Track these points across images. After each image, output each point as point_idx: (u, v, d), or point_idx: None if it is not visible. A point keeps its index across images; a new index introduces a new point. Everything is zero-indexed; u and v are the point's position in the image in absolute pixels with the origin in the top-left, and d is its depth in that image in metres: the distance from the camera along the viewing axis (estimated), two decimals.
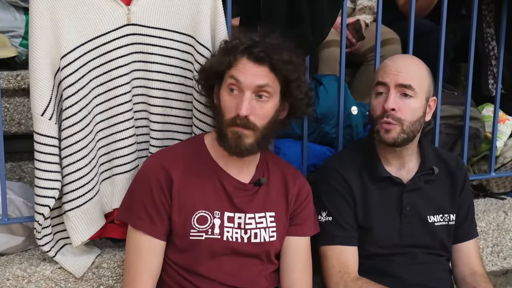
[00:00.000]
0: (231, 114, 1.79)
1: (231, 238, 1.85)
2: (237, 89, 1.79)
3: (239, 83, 1.78)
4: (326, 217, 2.04)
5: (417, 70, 2.02)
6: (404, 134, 1.99)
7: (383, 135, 2.00)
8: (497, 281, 2.75)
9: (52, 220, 1.96)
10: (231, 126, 1.79)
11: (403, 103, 1.98)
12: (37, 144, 1.85)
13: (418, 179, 2.08)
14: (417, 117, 2.01)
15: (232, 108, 1.78)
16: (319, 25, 2.12)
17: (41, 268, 2.00)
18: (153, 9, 1.93)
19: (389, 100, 1.97)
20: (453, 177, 2.15)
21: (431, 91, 2.06)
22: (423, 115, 2.03)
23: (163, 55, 1.96)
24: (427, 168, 2.09)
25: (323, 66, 2.79)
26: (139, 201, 1.83)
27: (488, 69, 2.96)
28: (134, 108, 1.97)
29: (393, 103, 1.97)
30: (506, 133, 2.81)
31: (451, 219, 2.12)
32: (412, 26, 2.39)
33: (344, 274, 1.98)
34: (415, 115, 2.00)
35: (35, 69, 1.82)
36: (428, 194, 2.09)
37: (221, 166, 1.88)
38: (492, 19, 2.92)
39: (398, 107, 1.97)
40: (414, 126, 2.01)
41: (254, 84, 1.77)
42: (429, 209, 2.09)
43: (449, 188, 2.14)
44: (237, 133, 1.79)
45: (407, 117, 1.98)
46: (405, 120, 1.98)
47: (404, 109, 1.98)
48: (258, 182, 1.90)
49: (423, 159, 2.10)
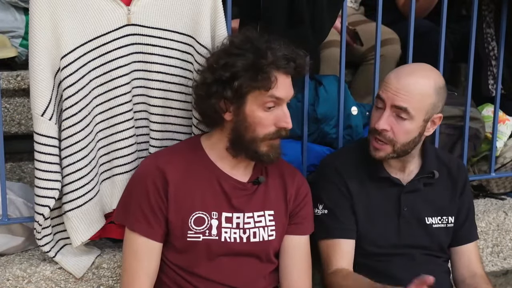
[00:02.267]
0: (269, 129, 1.80)
1: (229, 239, 1.85)
2: (275, 104, 1.80)
3: (279, 100, 1.79)
4: (323, 210, 2.04)
5: (419, 91, 1.93)
6: (394, 153, 1.98)
7: (372, 151, 2.00)
8: (497, 281, 2.75)
9: (52, 220, 1.96)
10: (270, 140, 1.81)
11: (397, 124, 1.95)
12: (37, 144, 1.85)
13: (417, 181, 2.08)
14: (412, 138, 1.97)
15: (270, 123, 1.80)
16: (319, 26, 2.12)
17: (41, 268, 2.00)
18: (153, 9, 1.93)
19: (382, 120, 1.95)
20: (454, 180, 2.14)
21: (438, 107, 1.99)
22: (419, 135, 1.99)
23: (163, 55, 1.96)
24: (427, 172, 2.08)
25: (323, 66, 2.79)
26: (136, 203, 1.83)
27: (488, 70, 2.96)
28: (134, 108, 1.97)
29: (385, 124, 1.94)
30: (506, 134, 2.81)
31: (449, 222, 2.11)
32: (412, 26, 2.38)
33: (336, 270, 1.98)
34: (409, 136, 1.97)
35: (35, 70, 1.82)
36: (426, 196, 2.09)
37: (219, 167, 1.88)
38: (492, 20, 2.93)
39: (390, 128, 1.95)
40: (407, 146, 1.98)
41: (290, 96, 1.82)
42: (427, 210, 2.09)
43: (449, 191, 2.13)
44: (276, 145, 1.83)
45: (399, 139, 1.96)
46: (397, 141, 1.96)
47: (397, 130, 1.95)
48: (257, 181, 1.90)
49: (424, 163, 2.09)
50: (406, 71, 2.01)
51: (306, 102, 2.29)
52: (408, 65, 2.07)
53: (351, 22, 2.94)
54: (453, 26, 3.11)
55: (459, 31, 3.11)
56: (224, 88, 1.77)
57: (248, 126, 1.80)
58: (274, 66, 1.76)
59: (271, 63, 1.75)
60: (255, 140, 1.80)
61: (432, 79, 1.98)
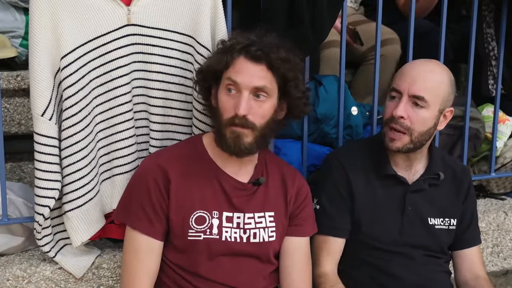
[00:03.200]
0: (229, 114, 1.79)
1: (229, 238, 1.85)
2: (235, 89, 1.79)
3: (236, 84, 1.78)
4: (316, 205, 2.06)
5: (435, 79, 1.97)
6: (411, 144, 1.98)
7: (388, 142, 2.00)
8: (497, 281, 2.75)
9: (52, 220, 1.96)
10: (229, 126, 1.79)
11: (413, 112, 1.96)
12: (37, 144, 1.85)
13: (423, 181, 2.08)
14: (428, 128, 1.98)
15: (230, 108, 1.79)
16: (319, 26, 2.12)
17: (41, 268, 2.00)
18: (153, 10, 1.93)
19: (399, 107, 1.95)
20: (458, 183, 2.15)
21: (450, 101, 2.01)
22: (434, 126, 2.00)
23: (163, 56, 1.96)
24: (433, 173, 2.09)
25: (323, 66, 2.79)
26: (137, 201, 1.83)
27: (488, 70, 2.96)
28: (134, 108, 1.97)
29: (402, 111, 1.95)
30: (506, 134, 2.82)
31: (451, 224, 2.12)
32: (412, 26, 2.39)
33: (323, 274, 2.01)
34: (426, 125, 1.98)
35: (35, 70, 1.82)
36: (431, 197, 2.09)
37: (220, 166, 1.88)
38: (492, 20, 2.92)
39: (408, 116, 1.96)
40: (424, 136, 1.99)
41: (252, 85, 1.78)
42: (431, 211, 2.09)
43: (453, 193, 2.14)
44: (236, 132, 1.79)
45: (416, 127, 1.97)
46: (414, 130, 1.97)
47: (415, 118, 1.96)
48: (257, 182, 1.90)
49: (430, 163, 2.10)
50: (421, 62, 2.04)
51: None
52: (420, 59, 2.09)
53: (351, 22, 2.93)
54: (453, 26, 3.11)
55: (459, 31, 3.11)
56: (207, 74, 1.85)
57: (218, 110, 1.82)
58: (235, 50, 1.79)
59: (230, 46, 1.80)
60: (222, 125, 1.81)
61: (446, 71, 2.02)
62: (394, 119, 1.96)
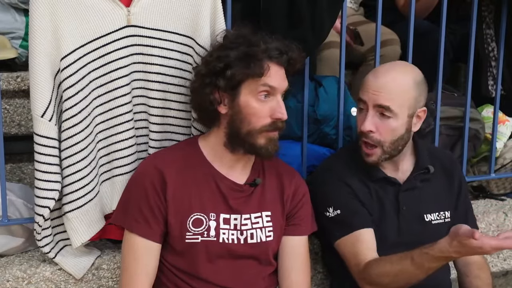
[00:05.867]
0: (265, 120, 1.79)
1: (227, 240, 1.85)
2: (270, 94, 1.80)
3: (273, 89, 1.79)
4: (334, 211, 2.01)
5: (399, 87, 1.94)
6: (385, 154, 1.98)
7: (364, 157, 2.00)
8: (497, 282, 2.75)
9: (52, 221, 1.96)
10: (267, 132, 1.80)
11: (381, 123, 1.95)
12: (37, 145, 1.85)
13: (413, 178, 2.08)
14: (399, 135, 1.97)
15: (266, 114, 1.79)
16: (319, 27, 2.12)
17: (41, 269, 2.00)
18: (153, 11, 1.93)
19: (366, 121, 1.94)
20: (449, 173, 2.15)
21: (420, 102, 1.99)
22: (406, 131, 1.98)
23: (162, 57, 1.96)
24: (422, 168, 2.08)
25: (323, 67, 2.79)
26: (135, 203, 1.83)
27: (488, 70, 2.96)
28: (134, 109, 1.98)
29: (370, 125, 1.94)
30: (506, 134, 2.82)
31: (446, 216, 2.11)
32: (412, 27, 2.39)
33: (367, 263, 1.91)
34: (396, 134, 1.96)
35: (35, 71, 1.82)
36: (424, 193, 2.09)
37: (216, 168, 1.88)
38: (491, 21, 2.92)
39: (376, 128, 1.95)
40: (396, 144, 1.98)
41: (284, 88, 1.82)
42: (426, 207, 2.09)
43: (445, 185, 2.14)
44: (274, 138, 1.82)
45: (386, 138, 1.96)
46: (385, 141, 1.96)
47: (383, 130, 1.95)
48: (254, 183, 1.90)
49: (417, 159, 2.09)
50: (383, 69, 2.02)
51: (306, 103, 2.30)
52: (384, 64, 2.09)
53: (350, 23, 2.93)
54: (453, 27, 3.11)
55: (459, 32, 3.11)
56: (217, 78, 1.79)
57: (244, 118, 1.80)
58: (267, 55, 1.78)
59: (263, 51, 1.78)
60: (252, 133, 1.80)
61: (410, 74, 1.98)
62: (364, 133, 1.96)
